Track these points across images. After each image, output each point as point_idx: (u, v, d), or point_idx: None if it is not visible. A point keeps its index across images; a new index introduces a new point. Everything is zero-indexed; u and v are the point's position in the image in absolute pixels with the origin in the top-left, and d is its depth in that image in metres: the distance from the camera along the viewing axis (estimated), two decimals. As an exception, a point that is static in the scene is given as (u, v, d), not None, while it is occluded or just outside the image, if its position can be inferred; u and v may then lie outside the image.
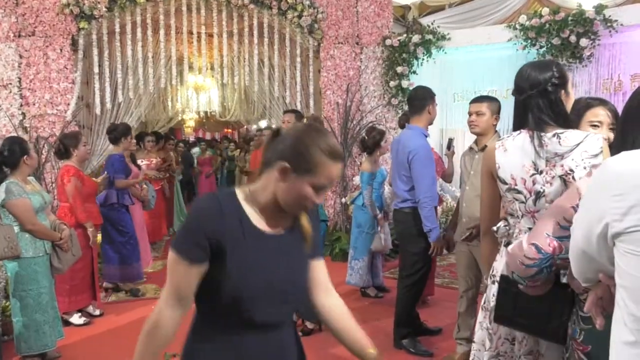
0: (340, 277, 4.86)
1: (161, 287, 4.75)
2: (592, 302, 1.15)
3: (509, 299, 1.64)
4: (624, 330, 0.87)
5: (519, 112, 1.74)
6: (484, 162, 1.82)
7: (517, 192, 1.70)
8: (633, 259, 0.83)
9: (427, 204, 3.02)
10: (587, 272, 1.06)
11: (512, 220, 1.77)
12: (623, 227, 0.82)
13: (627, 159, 0.86)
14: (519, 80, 1.72)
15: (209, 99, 8.92)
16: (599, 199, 0.89)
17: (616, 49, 5.28)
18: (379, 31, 6.24)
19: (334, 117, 6.14)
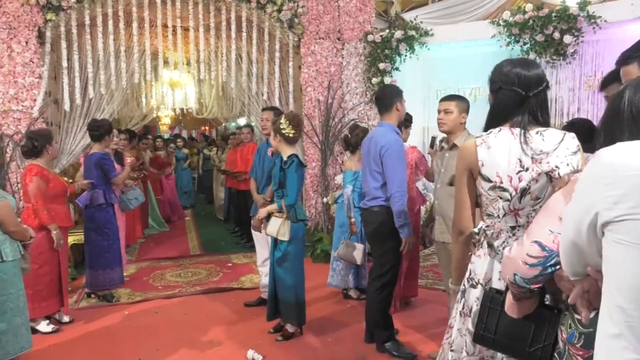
0: (322, 278, 4.86)
1: (135, 291, 4.69)
2: (577, 294, 1.17)
3: (493, 318, 1.62)
4: (609, 323, 0.89)
5: (510, 108, 1.73)
6: (461, 160, 1.80)
7: (502, 189, 1.71)
8: (621, 249, 0.84)
9: (398, 199, 3.07)
10: (576, 265, 1.07)
11: (490, 220, 1.78)
12: (613, 215, 0.84)
13: (621, 150, 0.88)
14: (523, 77, 1.70)
15: (185, 95, 8.83)
16: (591, 188, 0.91)
17: (600, 45, 5.40)
18: (360, 26, 6.26)
19: (315, 115, 6.13)
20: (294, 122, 3.41)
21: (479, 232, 1.81)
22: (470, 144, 1.77)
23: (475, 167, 1.75)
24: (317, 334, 3.69)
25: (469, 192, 1.81)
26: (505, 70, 1.74)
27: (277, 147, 3.52)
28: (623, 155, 0.86)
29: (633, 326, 0.83)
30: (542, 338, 1.52)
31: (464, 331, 1.84)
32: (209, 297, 4.59)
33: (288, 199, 3.39)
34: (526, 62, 1.77)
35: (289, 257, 3.46)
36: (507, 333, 1.59)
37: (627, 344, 0.84)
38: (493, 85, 1.79)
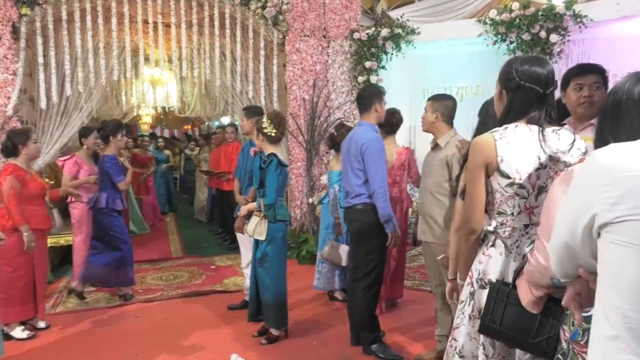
0: (308, 280, 4.85)
1: (114, 295, 4.62)
2: (570, 297, 1.17)
3: (499, 309, 1.63)
4: (605, 325, 0.89)
5: (526, 105, 1.73)
6: (478, 155, 1.73)
7: (520, 186, 1.70)
8: (619, 249, 0.85)
9: (381, 195, 3.11)
10: (567, 267, 1.08)
11: (501, 218, 1.76)
12: (612, 216, 0.85)
13: (616, 151, 0.89)
14: (541, 74, 1.71)
15: (166, 93, 8.74)
16: (587, 190, 0.92)
17: (586, 45, 5.47)
18: (346, 24, 6.25)
19: (300, 114, 6.11)
20: (275, 120, 3.40)
21: (493, 231, 1.78)
22: (488, 138, 1.72)
23: (494, 162, 1.71)
24: (302, 336, 3.68)
25: (484, 189, 1.75)
26: (523, 68, 1.73)
27: (261, 147, 3.50)
28: (619, 156, 0.87)
29: (632, 327, 0.83)
30: (547, 330, 1.54)
31: (474, 334, 1.82)
32: (191, 300, 4.55)
33: (267, 198, 3.38)
34: (540, 60, 1.77)
35: (267, 257, 3.46)
36: (512, 324, 1.60)
37: (624, 346, 0.84)
38: (510, 82, 1.75)
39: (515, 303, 1.60)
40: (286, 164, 3.51)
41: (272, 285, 3.48)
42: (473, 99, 5.88)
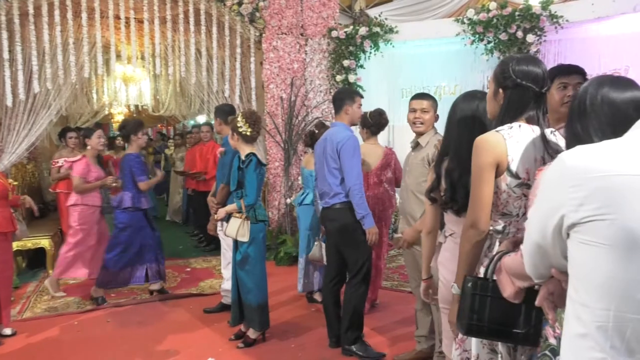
0: (286, 282, 4.86)
1: (85, 299, 4.53)
2: (543, 297, 1.21)
3: (483, 306, 1.62)
4: (575, 323, 0.92)
5: (523, 104, 1.75)
6: (488, 154, 1.70)
7: (528, 187, 1.70)
8: (587, 249, 0.87)
9: (357, 191, 3.16)
10: (540, 268, 1.10)
11: (505, 219, 1.76)
12: (579, 217, 0.87)
13: (582, 153, 0.92)
14: (537, 73, 1.73)
15: (139, 91, 8.61)
16: (556, 191, 0.94)
17: (562, 45, 5.60)
18: (324, 22, 6.26)
19: (278, 113, 6.09)
20: (251, 119, 3.38)
21: (501, 232, 1.77)
22: (498, 137, 1.71)
23: (504, 162, 1.70)
24: (280, 339, 3.67)
25: (493, 189, 1.73)
26: (520, 67, 1.75)
27: (236, 146, 3.48)
28: (585, 158, 0.89)
29: (601, 326, 0.85)
30: (532, 318, 1.56)
31: (486, 340, 1.80)
32: (165, 304, 4.49)
33: (247, 198, 3.36)
34: (535, 60, 1.80)
35: (249, 259, 3.44)
36: (499, 318, 1.60)
37: (593, 344, 0.87)
38: (507, 81, 1.76)
39: (499, 296, 1.59)
40: (265, 164, 3.51)
41: (255, 287, 3.46)
42: (451, 98, 5.92)
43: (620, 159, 0.84)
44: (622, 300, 0.83)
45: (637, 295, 0.81)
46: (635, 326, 0.82)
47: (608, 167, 0.84)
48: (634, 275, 0.81)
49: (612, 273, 0.83)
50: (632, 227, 0.80)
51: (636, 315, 0.82)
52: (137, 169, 4.32)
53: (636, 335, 0.82)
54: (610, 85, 1.28)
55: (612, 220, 0.82)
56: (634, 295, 0.81)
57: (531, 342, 1.61)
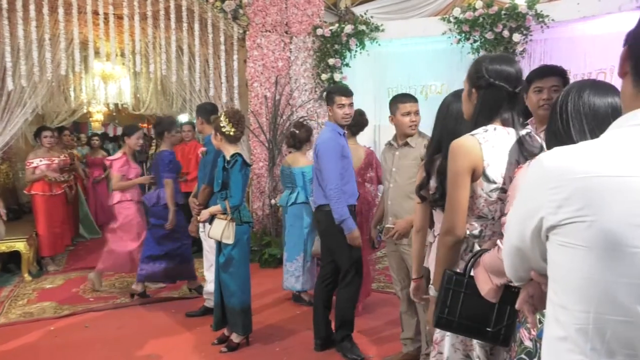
0: (271, 284, 4.85)
1: (61, 304, 4.46)
2: (523, 300, 1.22)
3: (455, 301, 1.65)
4: (555, 326, 0.92)
5: (497, 105, 1.76)
6: (464, 159, 1.72)
7: (504, 191, 1.72)
8: (566, 251, 0.88)
9: (333, 196, 3.17)
10: (519, 270, 1.11)
11: (481, 222, 1.78)
12: (558, 219, 0.88)
13: (560, 154, 0.92)
14: (510, 73, 1.74)
15: (119, 89, 8.51)
16: (535, 193, 0.94)
17: (548, 44, 5.67)
18: (309, 20, 6.25)
19: (262, 112, 6.07)
20: (234, 119, 3.36)
21: (478, 236, 1.79)
22: (473, 142, 1.72)
23: (480, 167, 1.71)
24: (265, 343, 3.65)
25: (468, 194, 1.74)
26: (493, 66, 1.75)
27: (219, 147, 3.46)
28: (564, 159, 0.90)
29: (581, 328, 0.86)
30: (504, 317, 1.58)
31: (459, 345, 1.83)
32: (146, 308, 4.44)
33: (233, 199, 3.34)
34: (509, 59, 1.81)
35: (233, 261, 3.42)
36: (470, 315, 1.62)
37: (573, 346, 0.87)
38: (480, 80, 1.77)
39: (473, 293, 1.62)
40: (250, 164, 3.50)
41: (239, 290, 3.45)
42: (437, 97, 5.99)
43: (598, 159, 0.85)
44: (601, 302, 0.83)
45: (616, 297, 0.82)
46: (615, 328, 0.82)
47: (587, 168, 0.85)
48: (612, 277, 0.82)
49: (591, 275, 0.84)
50: (611, 228, 0.81)
51: (616, 316, 0.82)
52: (163, 165, 4.43)
53: (616, 336, 0.82)
54: (591, 89, 1.35)
55: (591, 222, 0.82)
56: (613, 297, 0.82)
57: (501, 342, 1.63)
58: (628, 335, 0.81)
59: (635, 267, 0.80)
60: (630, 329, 0.81)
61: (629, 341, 0.82)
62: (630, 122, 0.88)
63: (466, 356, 1.84)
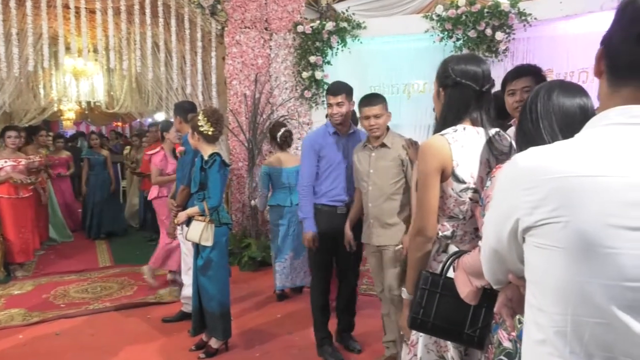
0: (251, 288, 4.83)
1: (31, 311, 4.37)
2: (502, 304, 1.23)
3: (431, 302, 1.67)
4: (534, 329, 0.93)
5: (466, 104, 1.79)
6: (433, 159, 1.76)
7: (475, 191, 1.74)
8: (542, 253, 0.88)
9: (300, 193, 3.39)
10: (497, 273, 1.12)
11: (452, 223, 1.81)
12: (533, 220, 0.88)
13: (535, 154, 0.92)
14: (476, 72, 1.77)
15: (92, 86, 8.37)
16: (510, 194, 0.95)
17: (530, 43, 5.76)
18: (289, 16, 6.24)
19: (242, 110, 6.04)
20: (212, 118, 3.34)
21: (450, 237, 1.81)
22: (442, 142, 1.75)
23: (449, 167, 1.74)
24: (244, 348, 3.63)
25: (439, 194, 1.77)
26: (459, 66, 1.79)
27: (197, 146, 3.43)
28: (539, 159, 0.90)
29: (559, 331, 0.86)
30: (479, 320, 1.60)
31: (432, 346, 1.85)
32: (121, 313, 4.38)
33: (211, 201, 3.31)
34: (475, 58, 1.84)
35: (212, 264, 3.40)
36: (446, 316, 1.64)
37: (552, 349, 0.88)
38: (447, 80, 1.81)
39: (449, 294, 1.64)
40: (229, 164, 3.48)
41: (218, 294, 3.42)
42: (420, 96, 6.04)
43: (573, 159, 0.86)
44: (578, 304, 0.84)
45: (592, 299, 0.82)
46: (593, 330, 0.83)
47: (561, 168, 0.86)
48: (588, 278, 0.82)
49: (566, 276, 0.84)
50: (586, 228, 0.81)
51: (593, 318, 0.83)
52: None
53: (594, 339, 0.83)
54: (560, 90, 1.40)
55: (566, 223, 0.83)
56: (590, 299, 0.82)
57: (475, 345, 1.65)
58: (605, 338, 0.82)
59: (610, 267, 0.80)
60: (607, 331, 0.82)
61: (607, 343, 0.82)
62: (603, 122, 0.89)
63: (440, 357, 1.86)
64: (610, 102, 0.90)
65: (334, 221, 3.34)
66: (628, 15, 0.87)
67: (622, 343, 0.81)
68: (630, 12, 0.87)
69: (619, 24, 0.89)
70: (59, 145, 7.92)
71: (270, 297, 4.68)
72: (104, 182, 7.65)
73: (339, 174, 3.36)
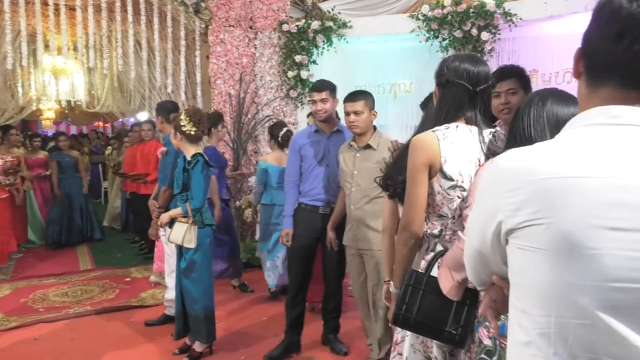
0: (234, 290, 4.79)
1: (8, 315, 4.29)
2: (486, 305, 1.23)
3: (414, 298, 1.69)
4: (518, 331, 0.93)
5: (460, 104, 1.80)
6: (421, 155, 1.77)
7: (462, 189, 1.75)
8: (525, 255, 0.89)
9: (284, 190, 3.52)
10: (481, 274, 1.12)
11: (442, 221, 1.82)
12: (516, 222, 0.88)
13: (517, 155, 0.92)
14: (471, 72, 1.78)
15: (72, 85, 8.28)
16: (492, 196, 0.95)
17: (516, 43, 5.82)
18: (275, 15, 6.23)
19: (226, 110, 6.01)
20: (195, 118, 3.32)
21: (438, 236, 1.82)
22: (431, 138, 1.76)
23: (437, 163, 1.75)
24: (229, 351, 3.61)
25: (426, 191, 1.78)
26: (454, 65, 1.81)
27: (179, 146, 3.40)
28: (521, 160, 0.90)
29: (543, 333, 0.87)
30: (461, 318, 1.62)
31: (418, 346, 1.85)
32: (102, 317, 4.32)
33: (194, 202, 3.29)
34: (473, 58, 1.86)
35: (195, 266, 3.37)
36: (428, 313, 1.66)
37: (537, 351, 0.88)
38: (440, 78, 1.83)
39: (432, 291, 1.67)
40: (212, 165, 3.47)
41: (202, 296, 3.40)
42: (406, 96, 6.07)
43: (555, 161, 0.86)
44: (561, 306, 0.84)
45: (576, 300, 0.82)
46: (577, 332, 0.83)
47: (544, 169, 0.86)
48: (571, 280, 0.82)
49: (549, 278, 0.85)
50: (568, 229, 0.81)
51: (576, 320, 0.83)
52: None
53: (578, 340, 0.83)
54: (554, 98, 1.44)
55: (548, 224, 0.83)
56: (573, 300, 0.83)
57: (456, 343, 1.67)
58: (589, 339, 0.82)
59: (593, 268, 0.81)
60: (591, 333, 0.82)
61: (591, 345, 0.82)
62: (584, 122, 0.89)
63: (427, 357, 1.87)
64: (589, 102, 0.90)
65: (315, 221, 3.34)
66: (605, 15, 0.88)
67: (606, 344, 0.81)
68: (607, 12, 0.87)
69: (596, 24, 0.90)
70: (36, 145, 7.80)
71: (256, 299, 4.66)
72: (76, 185, 7.10)
73: (318, 174, 3.37)
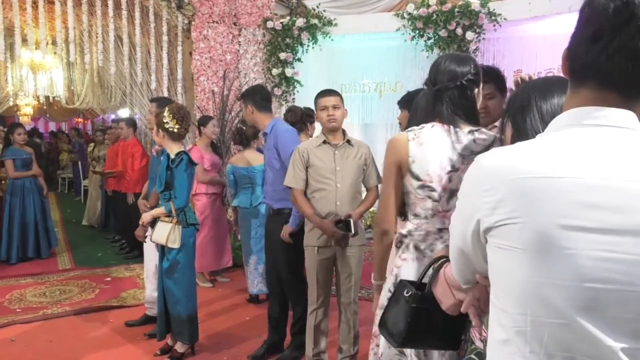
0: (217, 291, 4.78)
1: None
2: (469, 303, 1.25)
3: (422, 318, 1.59)
4: (497, 329, 0.95)
5: (430, 104, 1.84)
6: (391, 154, 1.82)
7: (431, 189, 1.77)
8: (502, 253, 0.90)
9: None
10: (465, 273, 1.14)
11: (417, 221, 1.83)
12: (493, 221, 0.90)
13: (497, 154, 0.94)
14: (436, 71, 1.82)
15: (50, 80, 8.16)
16: (472, 195, 0.97)
17: (500, 43, 5.89)
18: (259, 11, 6.21)
19: (209, 107, 5.98)
20: (178, 115, 3.30)
21: (407, 235, 1.84)
22: (401, 138, 1.80)
23: (405, 163, 1.78)
24: (212, 352, 3.60)
25: (395, 190, 1.83)
26: (434, 64, 1.86)
27: (162, 144, 3.39)
28: (500, 160, 0.92)
29: (520, 331, 0.89)
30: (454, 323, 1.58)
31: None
32: (81, 318, 4.27)
33: (178, 201, 3.27)
34: (453, 57, 1.85)
35: (178, 266, 3.35)
36: (435, 328, 1.61)
37: (514, 349, 0.90)
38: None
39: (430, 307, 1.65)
40: (196, 163, 3.45)
41: (184, 297, 3.38)
42: (391, 95, 6.10)
43: (532, 161, 0.88)
44: (536, 305, 0.86)
45: (550, 299, 0.84)
46: (552, 330, 0.85)
47: (520, 169, 0.87)
48: (545, 279, 0.84)
49: (524, 277, 0.86)
50: (542, 229, 0.83)
51: (551, 319, 0.85)
52: None
53: (553, 339, 0.85)
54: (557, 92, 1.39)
55: (523, 224, 0.85)
56: (548, 300, 0.84)
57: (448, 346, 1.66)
58: (564, 338, 0.84)
59: (566, 268, 0.82)
60: (565, 332, 0.84)
61: (565, 344, 0.84)
62: (562, 123, 0.92)
63: (400, 352, 1.89)
64: (572, 103, 0.92)
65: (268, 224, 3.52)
66: (585, 16, 0.90)
67: (581, 343, 0.83)
68: (586, 12, 0.89)
69: (578, 24, 0.92)
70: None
71: (240, 300, 4.64)
72: (31, 188, 6.07)
73: None
